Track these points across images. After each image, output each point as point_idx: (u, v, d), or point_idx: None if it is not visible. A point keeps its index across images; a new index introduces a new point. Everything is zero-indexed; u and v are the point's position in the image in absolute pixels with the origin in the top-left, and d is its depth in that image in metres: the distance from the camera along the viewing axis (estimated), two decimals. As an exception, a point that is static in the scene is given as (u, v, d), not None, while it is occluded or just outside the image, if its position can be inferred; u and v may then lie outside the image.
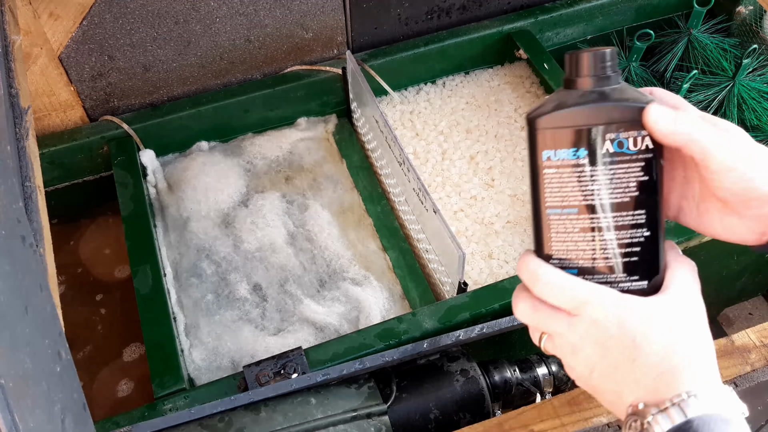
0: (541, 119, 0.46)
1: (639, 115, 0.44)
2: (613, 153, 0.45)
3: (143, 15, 1.07)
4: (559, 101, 0.46)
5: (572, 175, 0.46)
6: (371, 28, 1.24)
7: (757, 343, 0.76)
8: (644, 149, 0.44)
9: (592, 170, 0.45)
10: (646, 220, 0.46)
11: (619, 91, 0.45)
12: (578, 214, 0.46)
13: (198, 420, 0.75)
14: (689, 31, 1.26)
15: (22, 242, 0.44)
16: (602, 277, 0.47)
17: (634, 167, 0.45)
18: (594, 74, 0.46)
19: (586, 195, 0.46)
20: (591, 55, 0.45)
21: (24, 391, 0.36)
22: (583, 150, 0.45)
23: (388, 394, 0.79)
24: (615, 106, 0.44)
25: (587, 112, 0.45)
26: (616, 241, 0.46)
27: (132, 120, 1.15)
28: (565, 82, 0.47)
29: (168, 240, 1.09)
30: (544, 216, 0.48)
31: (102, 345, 1.07)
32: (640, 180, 0.45)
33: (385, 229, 1.09)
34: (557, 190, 0.47)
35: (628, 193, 0.45)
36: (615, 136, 0.44)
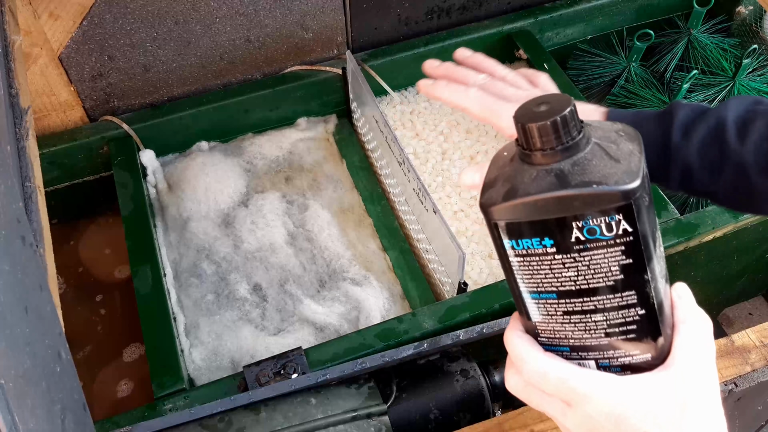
0: (493, 210, 0.40)
1: (608, 199, 0.36)
2: (584, 240, 0.38)
3: (143, 15, 1.07)
4: (511, 185, 0.39)
5: (542, 263, 0.40)
6: (371, 28, 1.24)
7: (757, 343, 0.76)
8: (621, 233, 0.37)
9: (564, 257, 0.39)
10: (637, 300, 0.40)
11: (582, 167, 0.37)
12: (558, 299, 0.41)
13: (198, 420, 0.75)
14: (689, 31, 1.26)
15: (22, 242, 0.44)
16: (597, 354, 0.42)
17: (613, 251, 0.38)
18: (549, 147, 0.38)
19: (562, 282, 0.40)
20: (542, 127, 0.37)
21: (24, 391, 0.36)
22: (548, 239, 0.39)
23: (388, 394, 0.79)
24: (576, 193, 0.37)
25: (545, 202, 0.38)
26: (607, 323, 0.41)
27: (132, 120, 1.15)
28: (518, 149, 0.40)
29: (168, 240, 1.09)
30: (521, 299, 0.43)
31: (102, 345, 1.07)
32: (622, 263, 0.39)
33: (385, 229, 1.09)
34: (529, 276, 0.41)
35: (611, 277, 0.39)
36: (583, 224, 0.38)
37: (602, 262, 0.39)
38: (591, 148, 0.38)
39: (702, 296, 1.24)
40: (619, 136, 0.40)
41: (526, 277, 0.41)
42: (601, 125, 0.41)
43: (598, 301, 0.40)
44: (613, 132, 0.40)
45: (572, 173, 0.37)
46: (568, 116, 0.37)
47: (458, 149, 1.19)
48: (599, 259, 0.39)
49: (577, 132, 0.38)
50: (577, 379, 0.41)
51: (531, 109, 0.39)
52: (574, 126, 0.38)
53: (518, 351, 0.43)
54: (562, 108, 0.38)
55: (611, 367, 0.42)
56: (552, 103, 0.38)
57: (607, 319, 0.41)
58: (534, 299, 0.42)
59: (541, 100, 0.39)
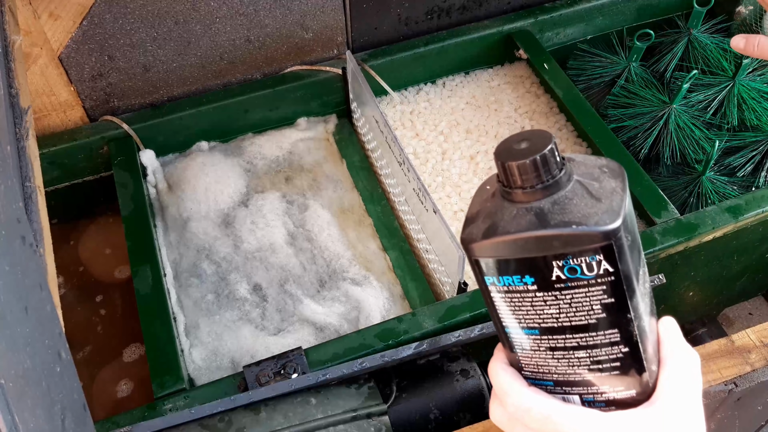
0: (473, 247, 0.39)
1: (588, 240, 0.36)
2: (566, 279, 0.38)
3: (143, 15, 1.07)
4: (491, 222, 0.39)
5: (523, 299, 0.40)
6: (371, 28, 1.24)
7: (757, 343, 0.76)
8: (602, 273, 0.37)
9: (545, 295, 0.39)
10: (620, 338, 0.39)
11: (562, 206, 0.37)
12: (540, 335, 0.41)
13: (198, 420, 0.75)
14: (689, 31, 1.26)
15: (22, 242, 0.44)
16: (582, 389, 0.42)
17: (595, 290, 0.38)
18: (529, 186, 0.37)
19: (544, 318, 0.40)
20: (521, 165, 0.37)
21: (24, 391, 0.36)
22: (528, 277, 0.39)
23: (388, 394, 0.79)
24: (556, 233, 0.36)
25: (524, 241, 0.37)
26: (590, 359, 0.41)
27: (132, 120, 1.15)
28: (499, 186, 0.39)
29: (168, 240, 1.09)
30: (504, 333, 0.43)
31: (102, 345, 1.07)
32: (604, 302, 0.38)
33: (385, 229, 1.09)
34: (511, 312, 0.41)
35: (593, 315, 0.39)
36: (564, 263, 0.37)
37: (584, 300, 0.38)
38: (572, 186, 0.38)
39: (702, 296, 1.24)
40: (602, 173, 0.39)
41: (508, 313, 0.41)
42: (585, 160, 0.40)
43: (581, 338, 0.40)
44: (596, 168, 0.40)
45: (552, 212, 0.37)
46: (548, 155, 0.37)
47: (458, 149, 1.19)
48: (581, 297, 0.38)
49: (558, 170, 0.38)
50: (561, 415, 0.41)
51: (511, 146, 0.38)
52: (555, 164, 0.37)
53: (502, 384, 0.43)
54: (542, 146, 0.37)
55: (595, 402, 0.42)
56: (533, 140, 0.38)
57: (591, 355, 0.40)
58: (516, 335, 0.42)
59: (522, 137, 0.39)
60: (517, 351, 0.43)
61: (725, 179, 1.14)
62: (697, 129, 1.17)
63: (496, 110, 1.25)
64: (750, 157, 1.16)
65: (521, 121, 1.23)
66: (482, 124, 1.23)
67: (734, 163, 1.17)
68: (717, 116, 1.20)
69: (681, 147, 1.16)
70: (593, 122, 1.14)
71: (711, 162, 1.12)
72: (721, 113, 1.20)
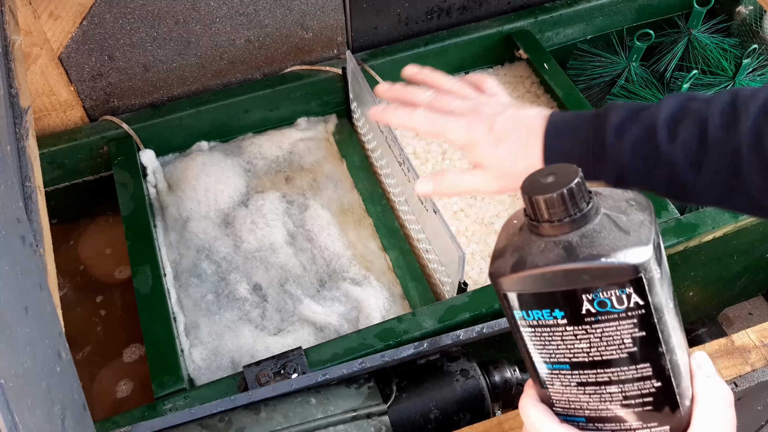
0: (502, 281, 0.39)
1: (617, 273, 0.36)
2: (596, 313, 0.38)
3: (143, 15, 1.07)
4: (519, 255, 0.39)
5: (554, 334, 0.39)
6: (371, 28, 1.24)
7: (757, 343, 0.76)
8: (633, 306, 0.37)
9: (575, 329, 0.39)
10: (652, 372, 0.39)
11: (590, 239, 0.37)
12: (571, 370, 0.40)
13: (198, 420, 0.75)
14: (689, 31, 1.26)
15: (22, 242, 0.44)
16: (614, 425, 0.41)
17: (626, 324, 0.38)
18: (556, 219, 0.38)
19: (575, 353, 0.40)
20: (548, 199, 0.37)
21: (24, 391, 0.36)
22: (558, 311, 0.38)
23: (388, 394, 0.79)
24: (585, 266, 0.36)
25: (553, 275, 0.37)
26: (622, 395, 0.40)
27: (132, 120, 1.15)
28: (527, 220, 0.39)
29: (168, 240, 1.09)
30: (534, 368, 0.42)
31: (102, 346, 1.07)
32: (635, 336, 0.38)
33: (385, 229, 1.09)
34: (541, 347, 0.41)
35: (624, 349, 0.39)
36: (593, 297, 0.37)
37: (615, 334, 0.38)
38: (600, 219, 0.38)
39: (702, 296, 1.24)
40: (629, 206, 0.39)
41: (538, 348, 0.41)
42: (611, 194, 0.40)
43: (612, 373, 0.39)
44: (623, 201, 0.40)
45: (580, 245, 0.37)
46: (575, 188, 0.37)
47: (458, 149, 1.19)
48: (611, 331, 0.38)
49: (585, 203, 0.37)
50: None
51: (538, 180, 0.39)
52: (582, 198, 0.37)
53: (533, 421, 0.43)
54: (569, 180, 0.37)
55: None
56: (559, 174, 0.38)
57: (623, 390, 0.40)
58: (547, 369, 0.41)
59: (548, 171, 0.39)
60: (547, 387, 0.42)
61: (725, 179, 1.14)
62: (697, 129, 1.17)
63: (496, 110, 1.25)
64: (750, 157, 1.16)
65: (521, 121, 1.23)
66: (482, 124, 1.23)
67: (734, 163, 1.16)
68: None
69: (681, 147, 1.16)
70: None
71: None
72: (721, 113, 1.20)
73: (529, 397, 0.44)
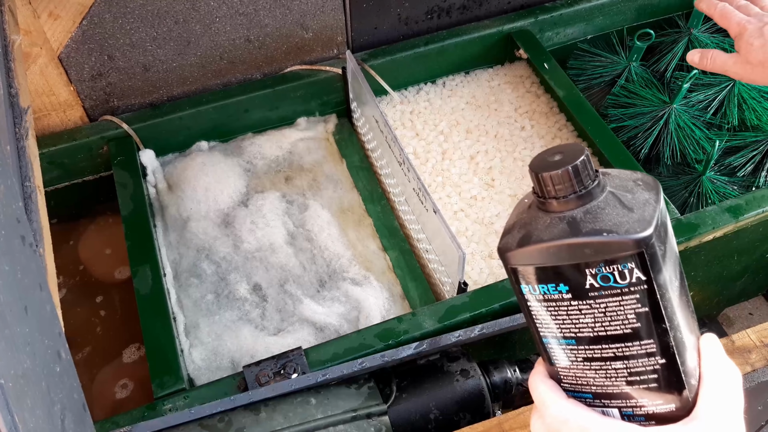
0: (510, 255, 0.41)
1: (618, 248, 0.37)
2: (599, 287, 0.39)
3: (143, 15, 1.07)
4: (526, 231, 0.40)
5: (559, 308, 0.40)
6: (371, 28, 1.24)
7: (757, 343, 0.76)
8: (635, 281, 0.38)
9: (580, 304, 0.40)
10: (657, 348, 0.40)
11: (594, 215, 0.38)
12: (577, 345, 0.41)
13: (198, 420, 0.75)
14: (689, 30, 1.26)
15: (22, 242, 0.44)
16: (621, 402, 0.42)
17: (629, 299, 0.38)
18: (561, 195, 0.39)
19: (580, 328, 0.40)
20: (554, 175, 0.38)
21: (24, 391, 0.36)
22: (563, 286, 0.39)
23: (388, 394, 0.79)
24: (587, 241, 0.37)
25: (557, 249, 0.38)
26: (627, 371, 0.41)
27: (132, 120, 1.15)
28: (534, 197, 0.41)
29: (168, 240, 1.09)
30: (542, 344, 0.43)
31: (101, 346, 1.07)
32: (638, 311, 0.39)
33: (385, 229, 1.09)
34: (547, 322, 0.41)
35: (627, 325, 0.39)
36: (596, 271, 0.38)
37: (618, 309, 0.39)
38: (605, 196, 0.39)
39: (702, 296, 1.24)
40: (636, 185, 0.40)
41: (545, 323, 0.42)
42: (620, 174, 0.41)
43: (617, 349, 0.40)
44: (630, 181, 0.40)
45: (584, 221, 0.38)
46: (580, 166, 0.38)
47: (458, 149, 1.19)
48: (615, 306, 0.39)
49: (591, 180, 0.39)
50: (599, 427, 0.40)
51: (546, 158, 0.40)
52: (587, 175, 0.39)
53: (541, 396, 0.43)
54: (575, 158, 0.39)
55: (635, 416, 0.42)
56: (566, 153, 0.40)
57: (628, 367, 0.40)
58: (554, 345, 0.42)
59: (556, 150, 0.40)
60: (555, 363, 0.43)
61: (725, 179, 1.14)
62: (697, 129, 1.17)
63: (496, 110, 1.25)
64: (750, 157, 1.16)
65: (521, 120, 1.23)
66: (482, 124, 1.23)
67: (734, 163, 1.17)
68: (717, 116, 1.20)
69: (681, 147, 1.16)
70: (593, 122, 1.14)
71: (711, 162, 1.12)
72: (722, 113, 1.20)
73: (539, 373, 0.44)
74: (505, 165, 1.17)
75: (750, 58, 0.80)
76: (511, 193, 1.13)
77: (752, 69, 0.80)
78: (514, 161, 1.17)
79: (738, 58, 0.82)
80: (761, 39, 0.79)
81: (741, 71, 0.82)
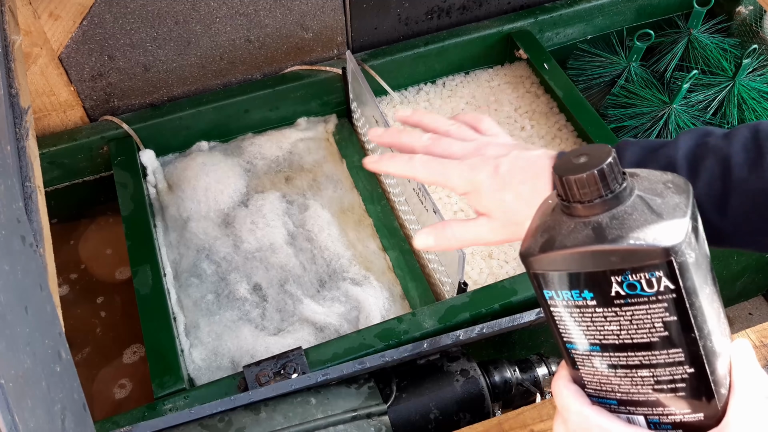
0: (532, 261, 0.39)
1: (646, 256, 0.35)
2: (625, 295, 0.37)
3: (143, 15, 1.07)
4: (549, 236, 0.39)
5: (583, 314, 0.39)
6: (371, 28, 1.24)
7: (757, 343, 0.76)
8: (663, 290, 0.36)
9: (605, 311, 0.38)
10: (685, 358, 0.38)
11: (620, 220, 0.36)
12: (602, 352, 0.40)
13: (198, 420, 0.75)
14: (689, 31, 1.26)
15: (22, 242, 0.44)
16: (646, 410, 0.40)
17: (656, 308, 0.37)
18: (587, 200, 0.37)
19: (605, 335, 0.39)
20: (578, 179, 0.37)
21: (24, 391, 0.36)
22: (587, 292, 0.38)
23: (388, 394, 0.79)
24: (613, 248, 0.36)
25: (581, 255, 0.37)
26: (654, 379, 0.39)
27: (132, 120, 1.15)
28: (558, 199, 0.39)
29: (168, 240, 1.09)
30: (565, 349, 0.42)
31: (102, 347, 1.07)
32: (666, 320, 0.37)
33: (385, 229, 1.09)
34: (571, 328, 0.40)
35: (655, 334, 0.38)
36: (623, 279, 0.36)
37: (645, 318, 0.37)
38: (633, 200, 0.37)
39: None
40: (666, 188, 0.38)
41: (568, 328, 0.40)
42: (648, 175, 0.39)
43: (644, 357, 0.39)
44: (660, 183, 0.39)
45: (610, 227, 0.36)
46: (606, 169, 0.36)
47: (458, 149, 1.19)
48: (642, 314, 0.37)
49: (618, 184, 0.37)
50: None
51: (570, 160, 0.38)
52: (614, 178, 0.37)
53: (564, 401, 0.42)
54: (601, 160, 0.37)
55: (661, 424, 0.41)
56: (591, 154, 0.38)
57: (654, 375, 0.39)
58: (578, 350, 0.41)
59: (580, 152, 0.38)
60: (579, 368, 0.42)
61: (725, 179, 1.14)
62: (697, 129, 1.17)
63: (496, 110, 1.25)
64: (750, 157, 1.16)
65: (521, 120, 1.23)
66: (482, 124, 1.23)
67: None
68: (717, 116, 1.20)
69: (681, 147, 1.16)
70: (593, 122, 1.14)
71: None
72: (721, 113, 1.20)
73: (562, 378, 0.43)
74: (505, 165, 1.17)
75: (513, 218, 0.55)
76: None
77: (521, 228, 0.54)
78: (514, 161, 1.17)
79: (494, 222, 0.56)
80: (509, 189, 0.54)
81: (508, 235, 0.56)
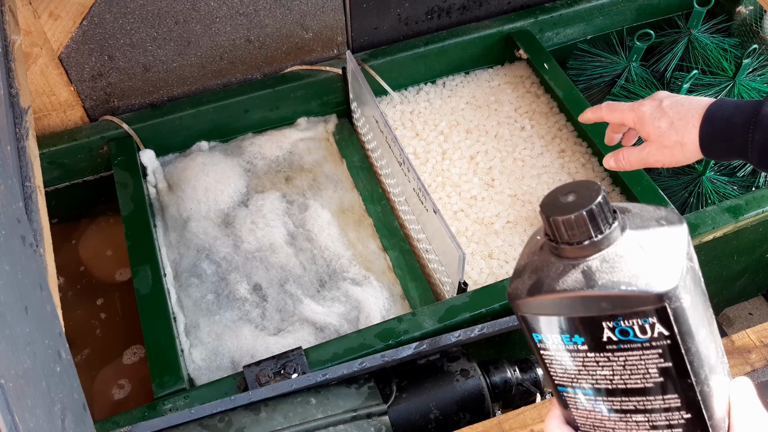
0: (520, 303, 0.37)
1: (638, 302, 0.33)
2: (617, 341, 0.35)
3: (143, 15, 1.07)
4: (537, 277, 0.37)
5: (574, 359, 0.37)
6: (371, 28, 1.24)
7: (757, 343, 0.76)
8: (657, 336, 0.34)
9: (597, 356, 0.36)
10: (681, 404, 0.36)
11: (611, 264, 0.34)
12: (594, 396, 0.38)
13: (198, 420, 0.75)
14: (689, 31, 1.26)
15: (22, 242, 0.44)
16: None
17: (650, 354, 0.35)
18: (576, 242, 0.35)
19: (597, 379, 0.37)
20: (566, 220, 0.34)
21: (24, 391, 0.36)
22: (578, 337, 0.36)
23: (388, 394, 0.79)
24: (604, 294, 0.34)
25: (571, 300, 0.35)
26: (649, 423, 0.37)
27: (132, 120, 1.15)
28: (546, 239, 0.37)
29: (168, 240, 1.09)
30: (557, 391, 0.40)
31: (102, 347, 1.07)
32: (661, 366, 0.35)
33: (385, 229, 1.09)
34: (562, 371, 0.38)
35: (649, 379, 0.36)
36: (614, 325, 0.35)
37: (639, 363, 0.36)
38: (624, 240, 0.35)
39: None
40: (659, 225, 0.36)
41: (559, 372, 0.39)
42: (641, 211, 0.37)
43: (638, 402, 0.37)
44: (653, 221, 0.36)
45: (600, 270, 0.34)
46: (595, 209, 0.34)
47: (458, 149, 1.19)
48: (635, 360, 0.35)
49: (608, 224, 0.35)
50: None
51: (558, 198, 0.36)
52: (603, 219, 0.35)
53: None
54: (590, 199, 0.35)
55: None
56: (580, 192, 0.36)
57: (650, 420, 0.37)
58: (569, 393, 0.39)
59: (568, 189, 0.36)
60: (571, 409, 0.40)
61: (725, 179, 1.14)
62: (697, 129, 1.16)
63: (496, 110, 1.25)
64: (750, 157, 1.16)
65: (521, 121, 1.23)
66: (482, 124, 1.23)
67: (734, 163, 1.17)
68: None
69: (681, 147, 1.16)
70: (593, 122, 1.14)
71: (711, 162, 1.12)
72: (721, 113, 1.20)
73: (555, 417, 0.42)
74: (505, 165, 1.17)
75: (664, 142, 0.72)
76: (511, 193, 1.13)
77: (671, 151, 0.72)
78: (514, 161, 1.17)
79: (652, 146, 0.74)
80: (666, 118, 0.72)
81: (662, 157, 0.73)
